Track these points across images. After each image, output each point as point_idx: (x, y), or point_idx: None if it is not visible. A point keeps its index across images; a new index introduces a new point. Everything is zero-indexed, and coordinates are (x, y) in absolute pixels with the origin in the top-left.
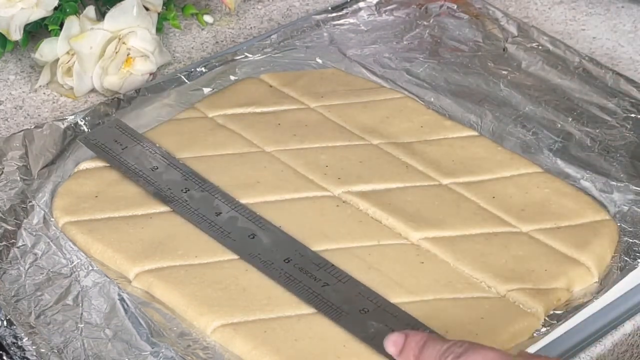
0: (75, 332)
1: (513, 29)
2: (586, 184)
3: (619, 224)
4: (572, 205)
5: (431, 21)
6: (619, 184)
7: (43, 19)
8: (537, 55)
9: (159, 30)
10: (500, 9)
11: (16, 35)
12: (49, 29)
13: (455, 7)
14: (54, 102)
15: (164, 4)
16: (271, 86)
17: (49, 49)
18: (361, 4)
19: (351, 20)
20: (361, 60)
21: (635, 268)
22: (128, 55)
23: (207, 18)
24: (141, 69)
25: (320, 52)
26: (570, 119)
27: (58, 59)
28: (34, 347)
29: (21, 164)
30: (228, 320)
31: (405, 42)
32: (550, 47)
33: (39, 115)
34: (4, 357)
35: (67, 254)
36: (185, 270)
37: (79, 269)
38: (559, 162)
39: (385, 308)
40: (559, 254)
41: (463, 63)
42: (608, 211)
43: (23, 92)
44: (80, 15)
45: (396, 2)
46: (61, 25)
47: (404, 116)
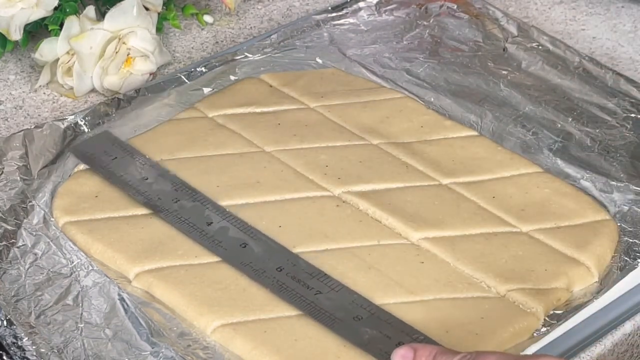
0: (75, 332)
1: (513, 29)
2: (586, 184)
3: (619, 224)
4: (572, 205)
5: (431, 21)
6: (619, 184)
7: (43, 19)
8: (537, 55)
9: (159, 30)
10: (500, 9)
11: (16, 35)
12: (49, 29)
13: (455, 7)
14: (54, 102)
15: (164, 4)
16: (271, 86)
17: (49, 49)
18: (361, 4)
19: (351, 20)
20: (361, 60)
21: (635, 268)
22: (128, 55)
23: (207, 18)
24: (141, 69)
25: (320, 52)
26: (570, 119)
27: (58, 59)
28: (34, 347)
29: (21, 164)
30: (228, 320)
31: (405, 42)
32: (550, 47)
33: (39, 115)
34: (4, 357)
35: (67, 254)
36: (185, 270)
37: (79, 269)
38: (559, 162)
39: (379, 315)
40: (559, 254)
41: (463, 63)
42: (608, 211)
43: (23, 92)
44: (80, 15)
45: (396, 2)
46: (61, 25)
47: (404, 116)
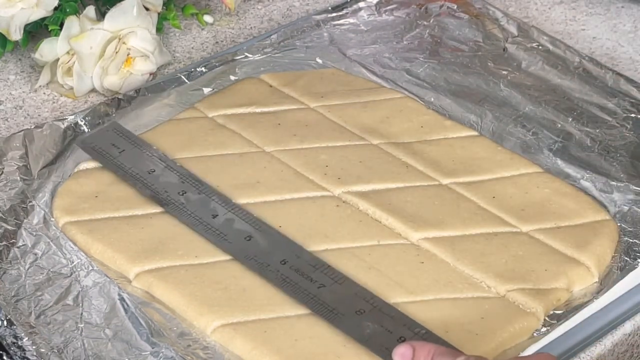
0: (75, 332)
1: (513, 29)
2: (586, 184)
3: (619, 224)
4: (572, 205)
5: (431, 21)
6: (619, 184)
7: (43, 19)
8: (537, 55)
9: (159, 30)
10: (500, 9)
11: (16, 35)
12: (49, 29)
13: (455, 7)
14: (54, 102)
15: (164, 4)
16: (271, 86)
17: (49, 49)
18: (361, 4)
19: (351, 20)
20: (361, 60)
21: (635, 268)
22: (128, 55)
23: (207, 18)
24: (141, 69)
25: (320, 52)
26: (570, 119)
27: (58, 59)
28: (34, 347)
29: (21, 164)
30: (228, 320)
31: (405, 42)
32: (550, 47)
33: (39, 115)
34: (4, 357)
35: (67, 254)
36: (185, 270)
37: (79, 269)
38: (559, 162)
39: (382, 309)
40: (559, 254)
41: (463, 63)
42: (608, 211)
43: (23, 92)
44: (80, 15)
45: (396, 2)
46: (61, 25)
47: (404, 116)
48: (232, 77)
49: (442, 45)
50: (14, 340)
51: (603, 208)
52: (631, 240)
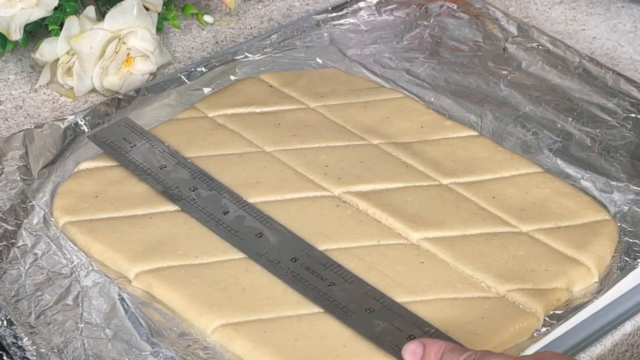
0: (75, 332)
1: (513, 29)
2: (586, 184)
3: (619, 224)
4: (572, 205)
5: (431, 21)
6: (619, 184)
7: (43, 19)
8: (537, 55)
9: (159, 30)
10: (500, 9)
11: (16, 35)
12: (49, 29)
13: (455, 7)
14: (54, 102)
15: (164, 4)
16: (271, 86)
17: (49, 49)
18: (361, 4)
19: (351, 20)
20: (361, 60)
21: (635, 268)
22: (128, 55)
23: (207, 18)
24: (141, 69)
25: (320, 52)
26: (570, 119)
27: (58, 59)
28: (34, 347)
29: (21, 164)
30: (228, 320)
31: (405, 42)
32: (550, 47)
33: (39, 115)
34: (4, 357)
35: (67, 254)
36: (186, 270)
37: (79, 269)
38: (559, 162)
39: (391, 308)
40: (559, 254)
41: (463, 63)
42: (608, 211)
43: (23, 92)
44: (80, 15)
45: (396, 2)
46: (61, 25)
47: (404, 116)
48: (232, 77)
49: (442, 45)
50: (14, 340)
51: (603, 208)
52: (631, 240)
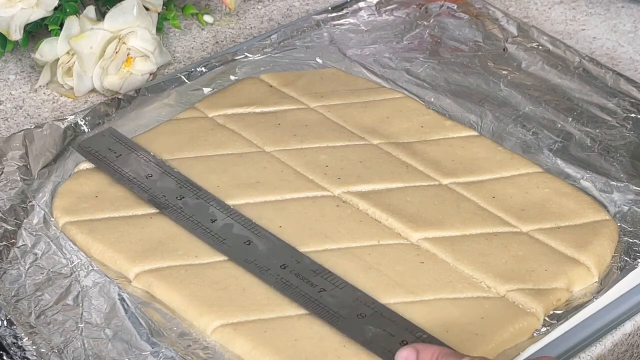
0: (76, 332)
1: (513, 29)
2: (586, 184)
3: (619, 224)
4: (572, 205)
5: (431, 21)
6: (619, 184)
7: (43, 19)
8: (537, 55)
9: (159, 30)
10: (500, 9)
11: (16, 35)
12: (49, 29)
13: (455, 7)
14: (54, 102)
15: (164, 4)
16: (271, 86)
17: (49, 49)
18: (361, 4)
19: (351, 20)
20: (361, 60)
21: (635, 268)
22: (128, 55)
23: (207, 18)
24: (141, 69)
25: (320, 52)
26: (570, 119)
27: (58, 59)
28: (34, 347)
29: (21, 164)
30: (228, 320)
31: (405, 42)
32: (550, 47)
33: (39, 115)
34: (4, 357)
35: (67, 254)
36: (185, 270)
37: (79, 269)
38: (559, 162)
39: (383, 313)
40: (559, 254)
41: (463, 63)
42: (608, 211)
43: (23, 92)
44: (80, 15)
45: (396, 2)
46: (61, 25)
47: (404, 116)
48: (232, 77)
49: (442, 45)
50: (14, 340)
51: (603, 208)
52: (631, 240)
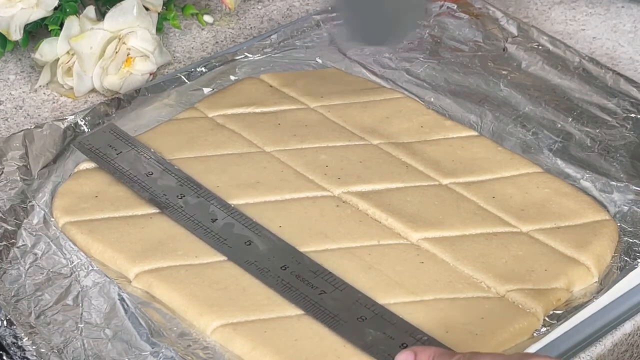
0: (75, 332)
1: (513, 29)
2: (586, 184)
3: (619, 224)
4: (572, 205)
5: (431, 21)
6: (619, 184)
7: (43, 19)
8: (537, 55)
9: (159, 30)
10: (500, 9)
11: (16, 35)
12: (49, 29)
13: (455, 7)
14: (54, 102)
15: (164, 4)
16: (271, 86)
17: (49, 49)
18: None
19: None
20: (361, 60)
21: (635, 268)
22: (128, 55)
23: (207, 18)
24: (141, 69)
25: (320, 52)
26: (570, 119)
27: (58, 59)
28: (34, 347)
29: (21, 164)
30: (228, 320)
31: (405, 42)
32: (550, 47)
33: (39, 115)
34: (4, 357)
35: (67, 254)
36: (185, 270)
37: (79, 269)
38: (559, 162)
39: (383, 316)
40: (559, 254)
41: (463, 63)
42: (608, 211)
43: (23, 92)
44: (80, 15)
45: None
46: (61, 25)
47: (404, 116)
48: (232, 77)
49: (442, 45)
50: (14, 340)
51: (603, 208)
52: (631, 240)
